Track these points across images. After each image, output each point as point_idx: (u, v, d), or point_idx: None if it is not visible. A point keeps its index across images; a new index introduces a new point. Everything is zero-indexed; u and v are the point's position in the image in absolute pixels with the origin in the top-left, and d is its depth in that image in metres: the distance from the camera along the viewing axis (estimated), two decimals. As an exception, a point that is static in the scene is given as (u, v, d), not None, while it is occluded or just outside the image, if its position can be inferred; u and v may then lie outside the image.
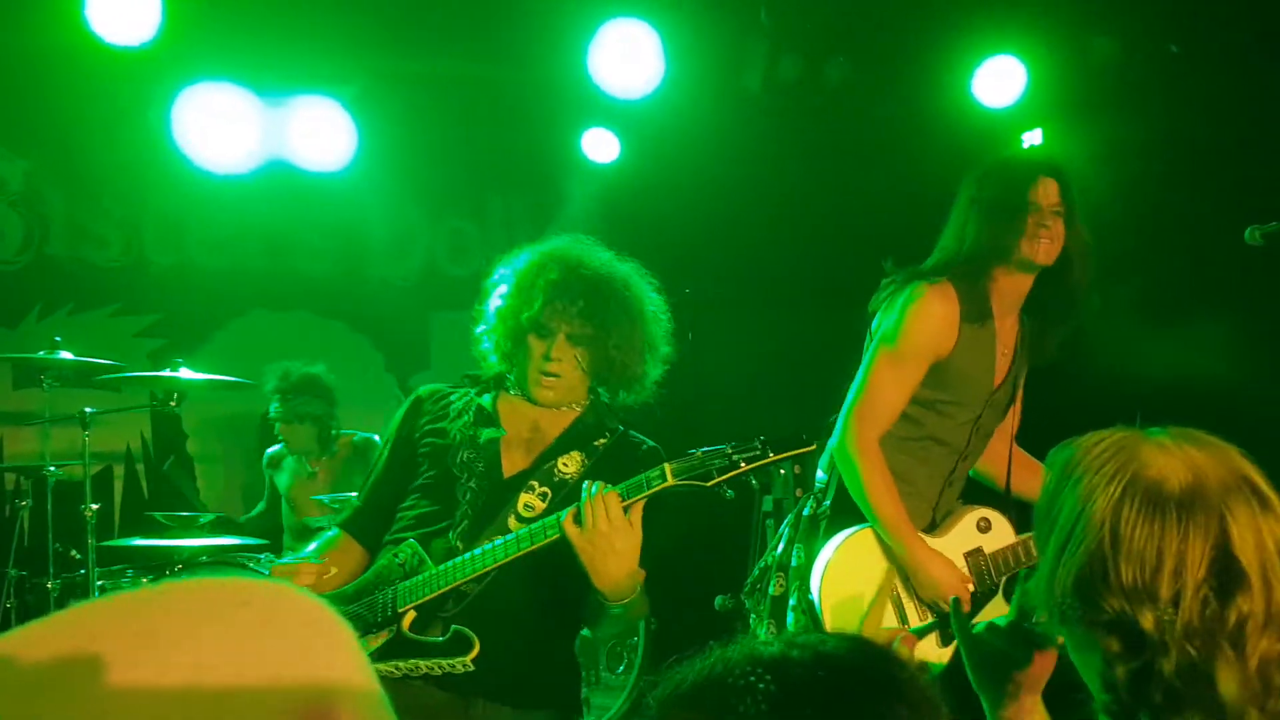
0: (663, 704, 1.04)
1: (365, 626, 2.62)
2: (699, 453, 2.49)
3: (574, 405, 2.87)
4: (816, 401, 3.50)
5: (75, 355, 4.77)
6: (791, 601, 3.12)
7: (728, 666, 1.01)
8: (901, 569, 3.06)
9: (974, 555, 3.13)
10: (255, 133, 5.42)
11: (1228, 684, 1.28)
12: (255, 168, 5.52)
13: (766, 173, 6.14)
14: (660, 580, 5.14)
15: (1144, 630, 1.30)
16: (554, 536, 2.50)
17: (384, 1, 5.08)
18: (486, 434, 2.80)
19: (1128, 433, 1.43)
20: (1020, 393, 3.38)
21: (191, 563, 4.74)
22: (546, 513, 2.63)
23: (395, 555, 2.69)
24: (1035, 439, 3.54)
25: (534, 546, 2.53)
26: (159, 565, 4.87)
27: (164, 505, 5.31)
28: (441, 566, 2.61)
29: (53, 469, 4.88)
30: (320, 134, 5.54)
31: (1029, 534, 3.12)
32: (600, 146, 6.39)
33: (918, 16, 5.53)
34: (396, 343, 6.72)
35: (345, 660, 0.84)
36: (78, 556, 4.85)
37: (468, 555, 2.59)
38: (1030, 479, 3.36)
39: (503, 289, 2.84)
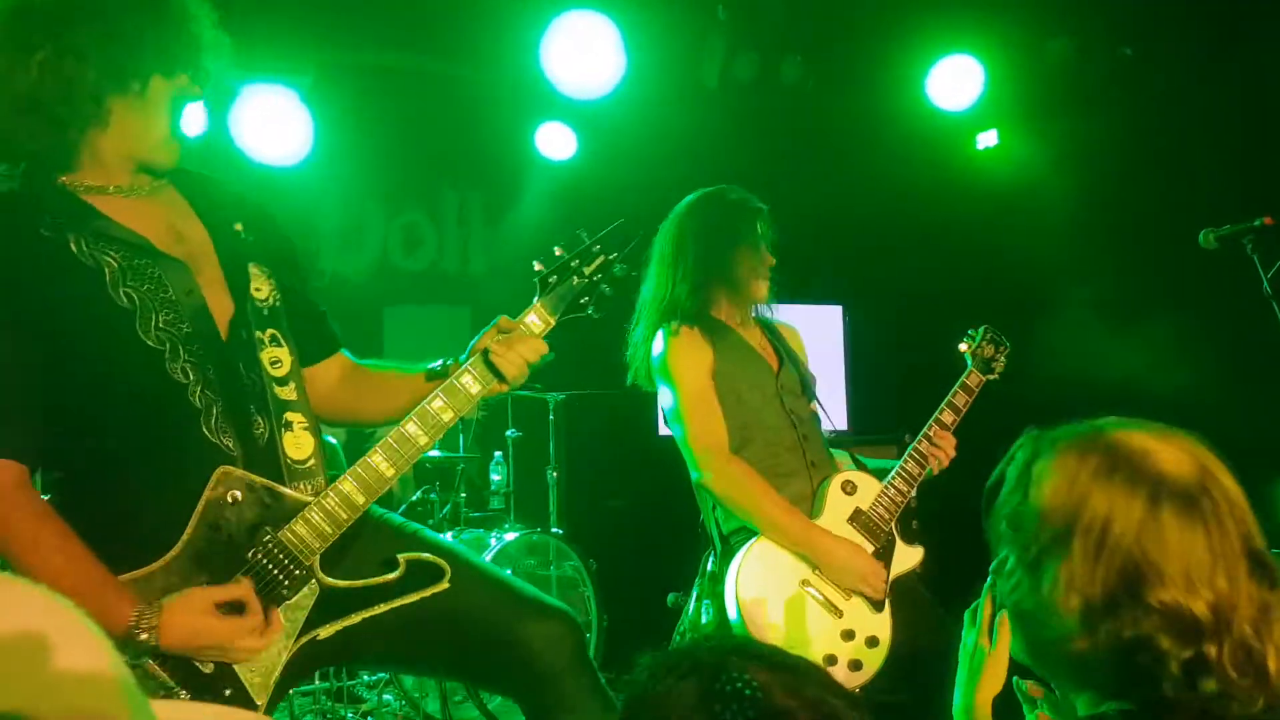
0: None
1: (272, 595, 2.05)
2: (553, 280, 2.32)
3: (160, 179, 2.22)
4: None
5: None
6: None
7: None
8: (804, 563, 3.03)
9: (856, 518, 3.14)
10: (203, 122, 5.27)
11: (1275, 661, 1.29)
12: (205, 159, 5.39)
13: (722, 170, 6.00)
14: (614, 578, 5.10)
15: (1198, 617, 1.28)
16: (474, 404, 2.25)
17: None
18: (171, 278, 2.09)
19: (1107, 430, 1.41)
20: (813, 380, 3.45)
21: None
22: (299, 356, 2.22)
23: (225, 496, 2.02)
24: (999, 439, 3.53)
25: (454, 420, 2.22)
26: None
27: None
28: (338, 489, 2.10)
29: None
30: (274, 125, 5.42)
31: (889, 476, 3.19)
32: (556, 141, 6.34)
33: (874, 17, 5.53)
34: (349, 337, 6.49)
35: (94, 650, 0.80)
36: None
37: (370, 460, 2.13)
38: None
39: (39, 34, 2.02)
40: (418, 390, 2.28)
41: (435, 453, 4.90)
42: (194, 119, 5.20)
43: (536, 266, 2.33)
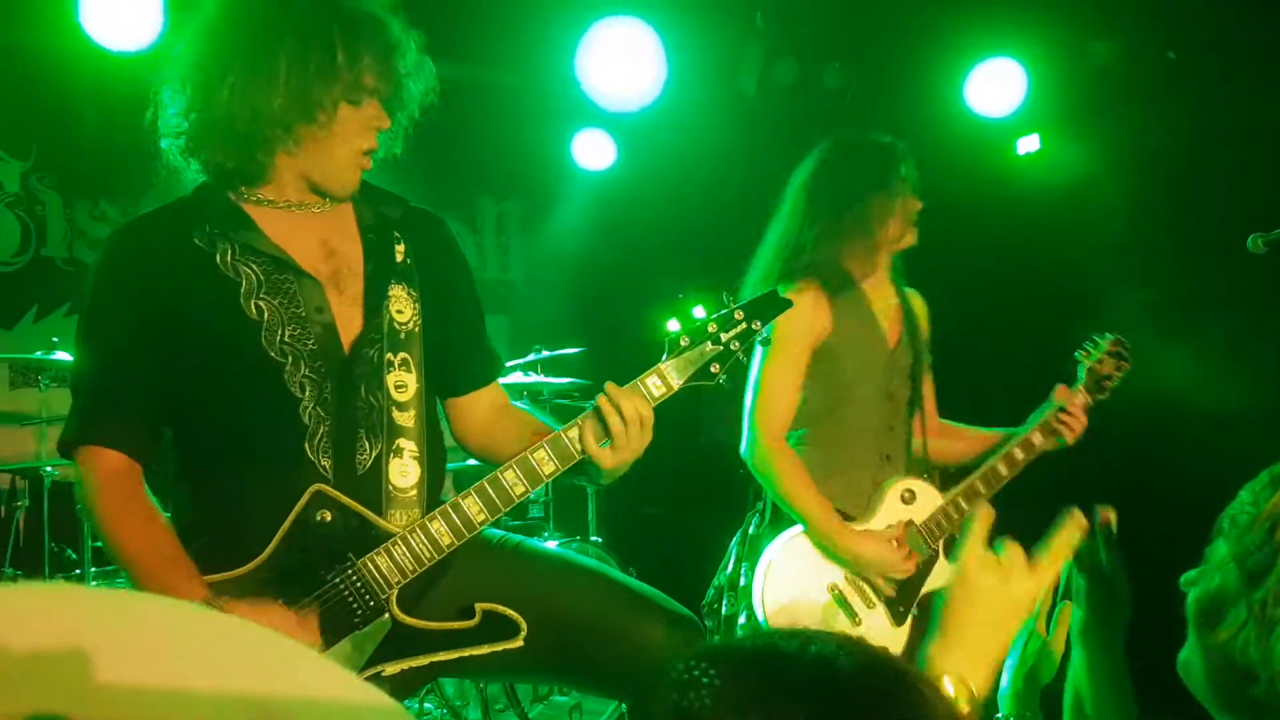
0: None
1: (343, 621, 2.02)
2: (685, 343, 2.19)
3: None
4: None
5: (72, 356, 4.68)
6: (741, 620, 3.08)
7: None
8: (837, 563, 3.00)
9: (907, 529, 3.07)
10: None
11: None
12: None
13: (761, 177, 5.95)
14: (653, 586, 5.05)
15: None
16: (577, 460, 2.14)
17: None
18: (305, 294, 2.09)
19: None
20: (927, 361, 3.33)
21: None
22: (426, 383, 2.16)
23: (315, 515, 2.02)
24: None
25: (555, 474, 2.13)
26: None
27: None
28: (425, 527, 2.05)
29: (49, 469, 4.77)
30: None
31: (954, 491, 3.09)
32: (595, 149, 6.39)
33: (913, 21, 5.46)
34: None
35: (306, 674, 0.85)
36: (74, 556, 4.74)
37: (462, 504, 2.07)
38: (947, 443, 3.33)
39: (229, 42, 2.06)
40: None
41: (474, 461, 4.89)
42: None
43: (672, 326, 2.23)
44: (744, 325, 2.22)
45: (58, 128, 5.39)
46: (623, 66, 5.11)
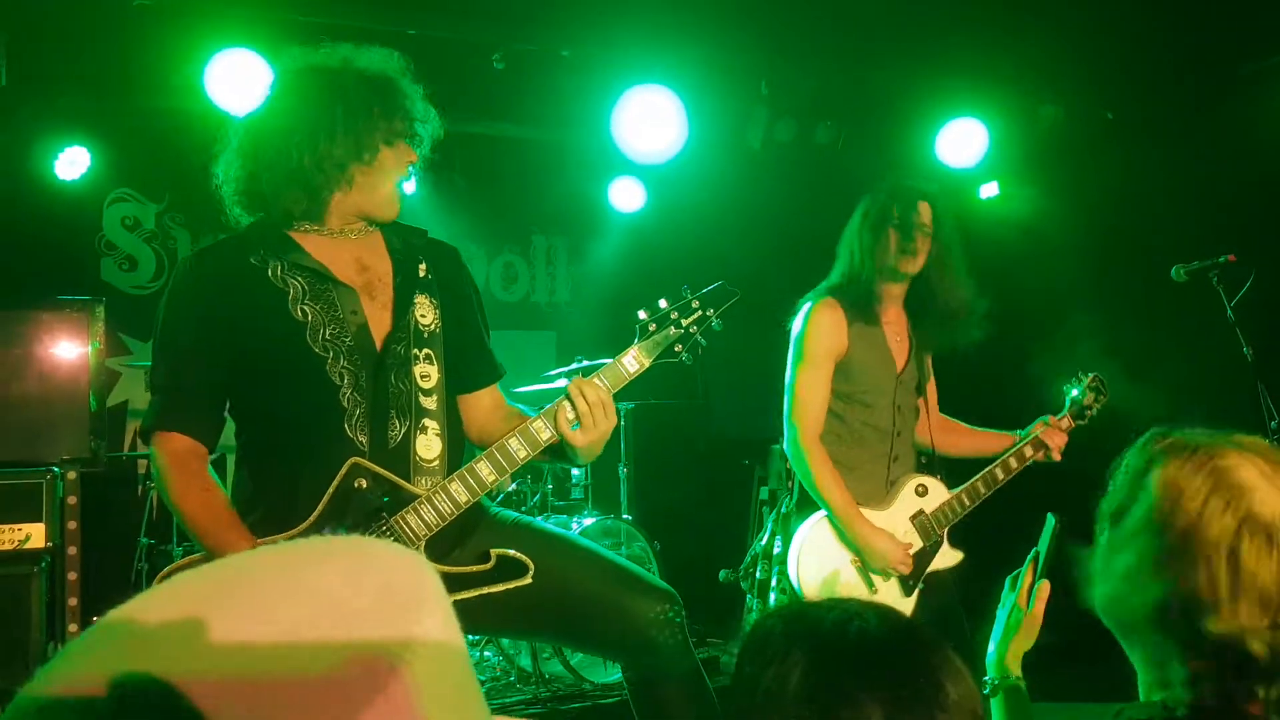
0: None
1: None
2: (653, 328, 2.34)
3: (372, 227, 2.40)
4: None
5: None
6: (773, 583, 3.30)
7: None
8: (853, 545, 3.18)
9: (918, 517, 3.23)
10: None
11: None
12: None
13: (765, 218, 6.25)
14: (675, 557, 5.27)
15: (1252, 654, 1.19)
16: (548, 442, 2.28)
17: (448, 78, 5.21)
18: (342, 300, 2.25)
19: (1217, 447, 1.31)
20: (930, 373, 3.45)
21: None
22: (446, 376, 2.30)
23: (353, 483, 2.15)
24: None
25: (544, 445, 2.27)
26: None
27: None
28: (445, 488, 2.20)
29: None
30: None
31: (959, 489, 3.25)
32: (628, 195, 6.60)
33: (892, 87, 5.65)
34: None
35: (417, 615, 0.73)
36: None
37: (475, 467, 2.22)
38: (952, 439, 3.49)
39: (286, 107, 2.26)
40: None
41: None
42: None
43: (641, 315, 2.37)
44: (700, 312, 2.39)
45: (186, 176, 5.31)
46: (651, 126, 5.33)
